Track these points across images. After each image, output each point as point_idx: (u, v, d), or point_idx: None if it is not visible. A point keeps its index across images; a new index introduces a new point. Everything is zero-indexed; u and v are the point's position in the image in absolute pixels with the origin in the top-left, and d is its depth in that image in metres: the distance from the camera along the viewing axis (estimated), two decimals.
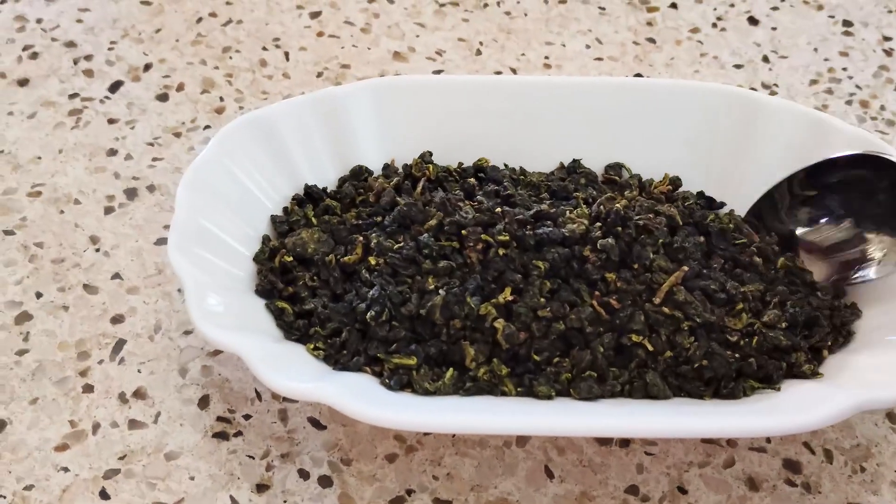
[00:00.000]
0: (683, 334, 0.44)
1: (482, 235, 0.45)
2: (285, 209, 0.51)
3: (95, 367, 0.47)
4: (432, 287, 0.44)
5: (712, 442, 0.45)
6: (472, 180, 0.51)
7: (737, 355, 0.44)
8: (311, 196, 0.51)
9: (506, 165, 0.53)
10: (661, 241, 0.46)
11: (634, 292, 0.44)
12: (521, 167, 0.53)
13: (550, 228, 0.45)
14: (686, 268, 0.45)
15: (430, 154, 0.53)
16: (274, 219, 0.50)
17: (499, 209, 0.46)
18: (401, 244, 0.46)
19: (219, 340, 0.42)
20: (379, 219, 0.48)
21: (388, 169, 0.53)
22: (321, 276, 0.47)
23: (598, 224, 0.46)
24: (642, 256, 0.45)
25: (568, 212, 0.47)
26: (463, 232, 0.45)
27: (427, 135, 0.54)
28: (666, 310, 0.44)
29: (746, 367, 0.44)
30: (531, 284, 0.44)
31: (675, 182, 0.53)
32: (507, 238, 0.45)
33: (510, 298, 0.44)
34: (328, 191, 0.52)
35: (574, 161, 0.53)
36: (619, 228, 0.45)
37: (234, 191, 0.49)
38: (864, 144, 0.50)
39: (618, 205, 0.46)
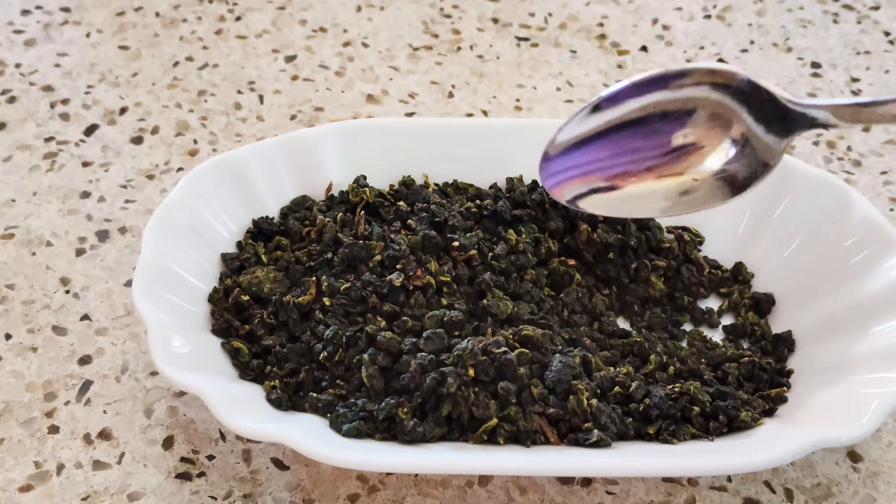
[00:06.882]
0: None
1: (427, 278, 0.47)
2: (239, 243, 0.51)
3: (62, 408, 0.47)
4: (383, 325, 0.46)
5: (673, 481, 0.45)
6: (403, 204, 0.52)
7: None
8: (261, 230, 0.52)
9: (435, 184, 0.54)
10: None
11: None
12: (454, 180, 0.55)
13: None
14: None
15: (365, 178, 0.54)
16: (224, 256, 0.51)
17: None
18: (348, 284, 0.47)
19: (181, 382, 0.42)
20: (329, 255, 0.49)
21: (332, 200, 0.53)
22: (279, 316, 0.48)
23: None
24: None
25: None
26: (398, 266, 0.48)
27: (390, 176, 0.54)
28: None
29: (687, 412, 0.44)
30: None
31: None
32: (448, 279, 0.48)
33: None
34: (274, 221, 0.52)
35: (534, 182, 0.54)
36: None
37: (199, 231, 0.50)
38: (827, 186, 0.51)
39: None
